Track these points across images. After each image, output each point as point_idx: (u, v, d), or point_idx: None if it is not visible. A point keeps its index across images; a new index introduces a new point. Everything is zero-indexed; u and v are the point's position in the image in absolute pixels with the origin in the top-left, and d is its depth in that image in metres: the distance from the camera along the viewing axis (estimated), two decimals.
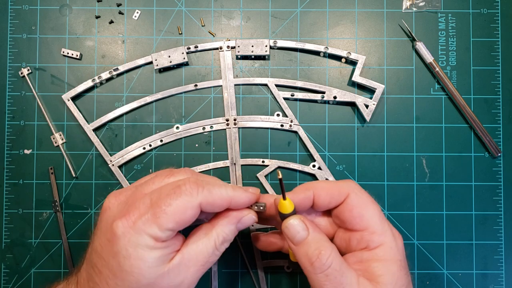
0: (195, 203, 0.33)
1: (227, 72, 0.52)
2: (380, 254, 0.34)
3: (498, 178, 0.52)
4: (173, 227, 0.33)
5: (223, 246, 0.36)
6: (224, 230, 0.35)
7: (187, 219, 0.33)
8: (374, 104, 0.51)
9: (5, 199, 0.51)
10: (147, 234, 0.32)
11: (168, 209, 0.32)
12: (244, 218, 0.36)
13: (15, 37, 0.52)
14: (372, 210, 0.35)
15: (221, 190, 0.35)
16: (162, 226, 0.32)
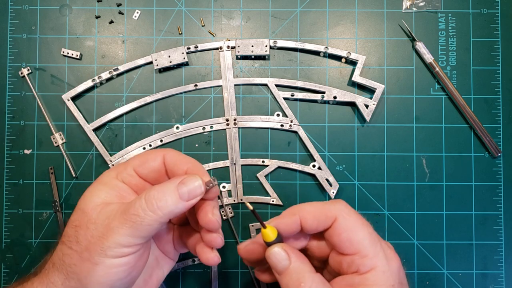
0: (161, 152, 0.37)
1: (227, 72, 0.52)
2: (371, 279, 0.32)
3: (498, 178, 0.52)
4: (135, 164, 0.37)
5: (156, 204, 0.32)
6: (159, 187, 0.33)
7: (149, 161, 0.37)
8: (374, 104, 0.51)
9: (5, 199, 0.51)
10: (114, 170, 0.37)
11: (135, 155, 0.38)
12: (185, 179, 0.34)
13: (15, 37, 0.52)
14: (362, 233, 0.33)
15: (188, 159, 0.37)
16: (128, 162, 0.37)
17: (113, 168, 0.37)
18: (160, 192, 0.33)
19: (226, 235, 0.51)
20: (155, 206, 0.32)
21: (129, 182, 0.36)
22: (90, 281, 0.32)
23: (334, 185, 0.51)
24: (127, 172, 0.37)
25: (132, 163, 0.37)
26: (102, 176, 0.37)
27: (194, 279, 0.51)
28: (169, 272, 0.50)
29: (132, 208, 0.32)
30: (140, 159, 0.37)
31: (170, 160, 0.37)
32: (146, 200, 0.32)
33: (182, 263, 0.50)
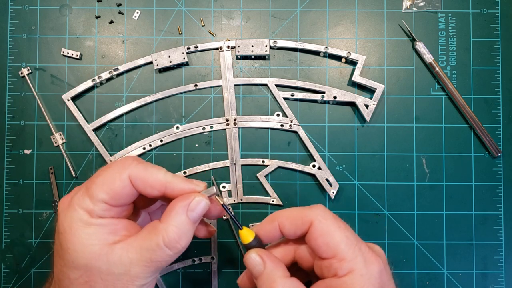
0: (124, 174, 0.33)
1: (227, 72, 0.52)
2: (349, 282, 0.32)
3: (498, 178, 0.52)
4: (104, 198, 0.32)
5: (177, 243, 0.32)
6: (173, 223, 0.32)
7: (117, 190, 0.32)
8: (374, 104, 0.51)
9: (5, 199, 0.51)
10: (81, 208, 0.32)
11: (97, 180, 0.33)
12: (192, 204, 0.33)
13: (15, 37, 0.52)
14: (339, 237, 0.33)
15: (158, 171, 0.34)
16: (92, 196, 0.32)
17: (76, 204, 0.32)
18: (178, 232, 0.32)
19: (226, 235, 0.51)
20: (178, 246, 0.33)
21: (108, 215, 0.33)
22: None
23: (334, 185, 0.51)
24: (100, 208, 0.32)
25: (98, 195, 0.32)
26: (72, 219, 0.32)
27: (194, 279, 0.51)
28: (169, 272, 0.50)
29: (155, 256, 0.32)
30: (105, 189, 0.32)
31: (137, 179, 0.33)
32: (168, 246, 0.32)
33: (182, 263, 0.51)
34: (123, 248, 0.32)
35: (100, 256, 0.31)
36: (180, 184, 0.34)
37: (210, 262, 0.51)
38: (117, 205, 0.33)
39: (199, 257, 0.51)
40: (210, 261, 0.51)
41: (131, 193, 0.33)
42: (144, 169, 0.33)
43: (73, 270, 0.32)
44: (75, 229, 0.32)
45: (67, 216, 0.32)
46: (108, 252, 0.32)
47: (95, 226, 0.32)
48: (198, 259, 0.51)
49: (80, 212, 0.32)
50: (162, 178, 0.33)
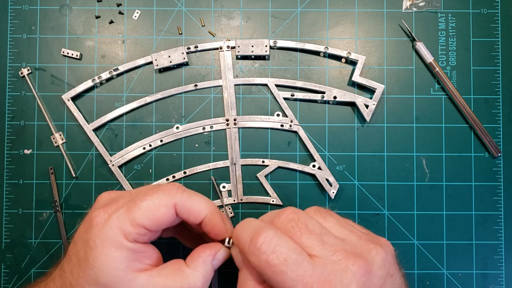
0: (170, 202, 0.33)
1: (227, 72, 0.52)
2: None
3: (498, 178, 0.52)
4: (145, 223, 0.32)
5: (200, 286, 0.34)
6: (200, 270, 0.34)
7: (160, 217, 0.33)
8: (374, 104, 0.51)
9: (5, 199, 0.51)
10: (118, 228, 0.32)
11: (142, 204, 0.32)
12: (218, 254, 0.35)
13: (15, 37, 0.52)
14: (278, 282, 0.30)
15: (201, 199, 0.35)
16: (133, 220, 0.32)
17: (115, 224, 0.32)
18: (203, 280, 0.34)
19: None
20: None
21: (142, 240, 0.33)
22: None
23: (334, 185, 0.51)
24: (138, 232, 0.33)
25: (140, 220, 0.32)
26: (107, 238, 0.32)
27: None
28: None
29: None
30: (149, 215, 0.33)
31: (182, 208, 0.34)
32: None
33: None
34: (146, 280, 0.32)
35: (123, 281, 0.32)
36: (218, 222, 0.35)
37: None
38: (155, 231, 0.34)
39: None
40: None
41: (172, 220, 0.34)
42: (189, 197, 0.34)
43: (92, 286, 0.32)
44: (107, 249, 0.32)
45: (102, 232, 0.32)
46: (132, 279, 0.32)
47: (126, 250, 0.32)
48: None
49: (116, 232, 0.32)
50: (205, 207, 0.35)
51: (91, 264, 0.32)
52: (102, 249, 0.32)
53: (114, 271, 0.31)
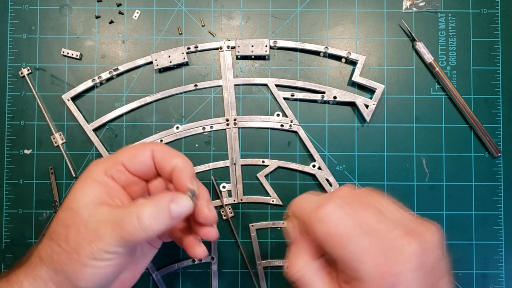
0: (148, 148, 0.37)
1: (227, 72, 0.52)
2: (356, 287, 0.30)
3: (498, 178, 0.52)
4: (123, 160, 0.36)
5: (148, 220, 0.33)
6: (153, 202, 0.34)
7: (137, 156, 0.36)
8: (374, 104, 0.51)
9: (5, 199, 0.51)
10: (102, 167, 0.36)
11: (124, 149, 0.37)
12: (177, 197, 0.35)
13: (15, 37, 0.52)
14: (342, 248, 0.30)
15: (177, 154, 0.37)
16: (115, 157, 0.36)
17: (101, 162, 0.37)
18: (154, 212, 0.33)
19: (226, 235, 0.51)
20: (147, 226, 0.33)
21: (118, 178, 0.36)
22: (79, 279, 0.33)
23: (334, 185, 0.51)
24: (117, 168, 0.36)
25: (121, 158, 0.36)
26: (90, 171, 0.36)
27: (194, 279, 0.51)
28: (169, 272, 0.50)
29: (123, 224, 0.33)
30: (129, 154, 0.36)
31: (159, 155, 0.36)
32: (139, 219, 0.33)
33: (182, 263, 0.50)
34: (106, 209, 0.34)
35: (88, 206, 0.34)
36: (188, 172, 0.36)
37: (210, 262, 0.51)
38: (132, 171, 0.36)
39: None
40: (210, 261, 0.51)
41: (147, 164, 0.37)
42: (166, 147, 0.37)
43: (63, 210, 0.35)
44: (85, 180, 0.35)
45: (88, 169, 0.36)
46: (96, 207, 0.34)
47: (101, 183, 0.35)
48: (198, 259, 0.51)
49: (98, 167, 0.36)
50: (178, 157, 0.36)
51: (70, 192, 0.35)
52: (82, 180, 0.35)
53: (83, 196, 0.34)
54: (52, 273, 0.34)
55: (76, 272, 0.33)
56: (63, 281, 0.34)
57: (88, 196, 0.34)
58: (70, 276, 0.33)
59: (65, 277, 0.34)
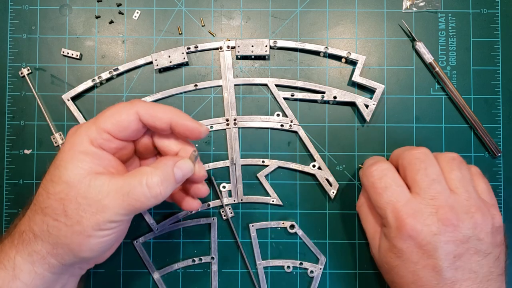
0: (132, 108, 0.35)
1: (227, 72, 0.52)
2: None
3: (498, 178, 0.52)
4: (108, 128, 0.35)
5: (158, 187, 0.34)
6: (159, 169, 0.34)
7: (122, 121, 0.35)
8: (374, 104, 0.51)
9: (5, 199, 0.51)
10: (85, 135, 0.34)
11: (105, 113, 0.35)
12: (180, 162, 0.36)
13: (15, 37, 0.52)
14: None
15: (164, 105, 0.36)
16: (98, 125, 0.35)
17: (83, 130, 0.35)
18: (161, 179, 0.34)
19: (226, 235, 0.51)
20: (158, 193, 0.34)
21: (108, 147, 0.35)
22: (82, 250, 0.33)
23: (334, 185, 0.51)
24: (103, 138, 0.35)
25: (104, 125, 0.35)
26: (74, 143, 0.34)
27: (194, 279, 0.51)
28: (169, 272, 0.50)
29: (132, 192, 0.33)
30: (113, 120, 0.35)
31: (145, 114, 0.35)
32: (149, 187, 0.33)
33: (182, 263, 0.51)
34: (106, 179, 0.33)
35: (84, 179, 0.33)
36: (186, 120, 0.36)
37: (210, 262, 0.51)
38: (120, 138, 0.36)
39: (199, 257, 0.51)
40: (210, 261, 0.51)
41: (136, 128, 0.36)
42: (152, 105, 0.36)
43: (55, 184, 0.34)
44: (73, 152, 0.34)
45: (70, 140, 0.35)
46: (92, 179, 0.33)
47: (91, 155, 0.34)
48: (198, 259, 0.51)
49: (83, 138, 0.34)
50: (169, 112, 0.36)
51: (57, 166, 0.34)
52: (69, 151, 0.34)
53: (76, 169, 0.33)
54: (50, 247, 0.34)
55: (79, 244, 0.33)
56: (64, 253, 0.34)
57: (81, 168, 0.33)
58: (72, 248, 0.33)
59: (67, 250, 0.34)
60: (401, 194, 0.40)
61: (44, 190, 0.34)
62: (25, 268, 0.34)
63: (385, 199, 0.40)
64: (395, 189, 0.40)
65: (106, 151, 0.35)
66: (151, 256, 0.51)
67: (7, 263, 0.34)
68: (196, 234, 0.51)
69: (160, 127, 0.36)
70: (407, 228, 0.38)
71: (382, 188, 0.41)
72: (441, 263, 0.37)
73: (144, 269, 0.51)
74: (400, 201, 0.39)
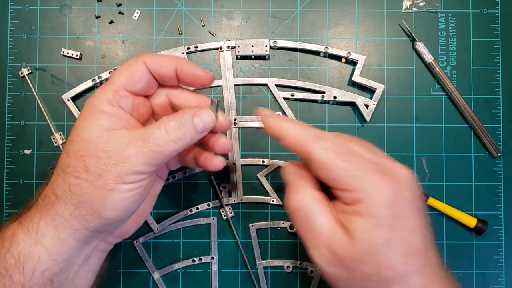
0: (139, 60, 0.35)
1: (227, 72, 0.52)
2: (355, 209, 0.32)
3: (498, 178, 0.52)
4: (122, 82, 0.35)
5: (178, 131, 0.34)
6: (177, 117, 0.35)
7: (133, 73, 0.35)
8: (374, 104, 0.51)
9: (5, 199, 0.51)
10: (102, 95, 0.35)
11: (117, 71, 0.36)
12: (199, 111, 0.36)
13: (15, 37, 0.52)
14: (339, 170, 0.32)
15: (170, 56, 0.37)
16: (113, 83, 0.35)
17: (99, 93, 0.35)
18: (179, 124, 0.34)
19: (226, 235, 0.51)
20: (176, 137, 0.34)
21: (124, 105, 0.35)
22: (105, 207, 0.33)
23: None
24: (120, 94, 0.35)
25: (119, 82, 0.35)
26: (93, 104, 0.35)
27: (194, 279, 0.51)
28: (169, 272, 0.50)
29: (152, 138, 0.33)
30: (126, 75, 0.35)
31: (153, 64, 0.36)
32: (167, 131, 0.34)
33: (182, 263, 0.51)
34: (125, 132, 0.33)
35: (103, 134, 0.33)
36: (191, 66, 0.36)
37: (210, 262, 0.51)
38: (136, 92, 0.36)
39: (199, 257, 0.51)
40: (210, 261, 0.51)
41: (148, 78, 0.36)
42: (157, 55, 0.37)
43: (73, 143, 0.33)
44: (92, 111, 0.34)
45: (88, 103, 0.35)
46: (111, 133, 0.33)
47: (109, 113, 0.34)
48: (198, 259, 0.51)
49: (101, 99, 0.34)
50: (176, 58, 0.36)
51: (76, 127, 0.34)
52: (87, 112, 0.34)
53: (95, 126, 0.33)
54: (72, 208, 0.33)
55: (101, 199, 0.33)
56: (87, 214, 0.33)
57: (99, 125, 0.33)
58: (94, 206, 0.33)
59: (89, 209, 0.33)
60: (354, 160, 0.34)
61: (65, 152, 0.34)
62: (48, 233, 0.33)
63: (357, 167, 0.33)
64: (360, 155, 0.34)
65: (123, 109, 0.35)
66: (151, 256, 0.51)
67: (30, 227, 0.33)
68: (196, 234, 0.51)
69: (166, 74, 0.36)
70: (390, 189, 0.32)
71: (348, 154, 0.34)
72: None
73: (144, 269, 0.51)
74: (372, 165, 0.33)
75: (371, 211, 0.31)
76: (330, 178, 0.33)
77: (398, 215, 0.31)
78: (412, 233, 0.32)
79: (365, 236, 0.31)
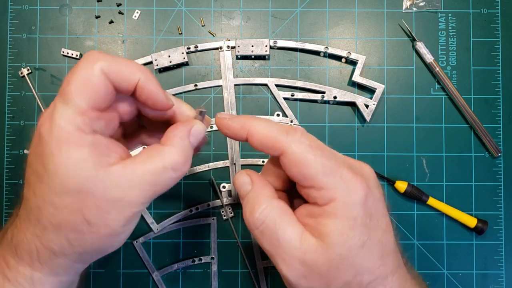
0: (96, 68, 0.29)
1: (227, 72, 0.52)
2: (329, 211, 0.30)
3: (498, 178, 0.52)
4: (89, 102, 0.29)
5: (183, 166, 0.31)
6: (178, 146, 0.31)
7: (95, 87, 0.29)
8: (374, 104, 0.51)
9: (5, 199, 0.51)
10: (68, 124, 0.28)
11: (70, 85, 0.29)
12: (193, 129, 0.32)
13: (15, 37, 0.52)
14: (315, 166, 0.30)
15: (131, 61, 0.31)
16: (74, 103, 0.28)
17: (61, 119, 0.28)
18: (184, 155, 0.31)
19: (226, 235, 0.51)
20: (183, 170, 0.31)
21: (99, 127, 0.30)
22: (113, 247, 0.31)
23: None
24: (89, 117, 0.29)
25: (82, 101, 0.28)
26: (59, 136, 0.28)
27: (194, 279, 0.51)
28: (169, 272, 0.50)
29: (158, 179, 0.30)
30: (86, 91, 0.29)
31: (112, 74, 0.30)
32: (174, 170, 0.30)
33: (182, 263, 0.51)
34: (121, 171, 0.29)
35: (96, 179, 0.28)
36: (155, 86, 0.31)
37: (210, 262, 0.51)
38: (101, 109, 0.30)
39: (199, 257, 0.51)
40: (210, 261, 0.51)
41: (111, 90, 0.30)
42: (114, 59, 0.30)
43: (62, 196, 0.28)
44: (66, 150, 0.28)
45: (52, 137, 0.28)
46: (105, 175, 0.28)
47: (88, 146, 0.28)
48: (198, 259, 0.51)
49: (67, 128, 0.28)
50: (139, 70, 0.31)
51: (53, 173, 0.28)
52: (60, 152, 0.28)
53: (82, 171, 0.28)
54: (75, 257, 0.30)
55: (110, 244, 0.31)
56: (92, 256, 0.32)
57: (86, 168, 0.28)
58: (102, 250, 0.31)
59: (95, 253, 0.31)
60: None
61: (49, 205, 0.29)
62: (47, 282, 0.31)
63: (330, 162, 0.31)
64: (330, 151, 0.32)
65: (98, 136, 0.30)
66: (151, 256, 0.51)
67: (23, 281, 0.31)
68: (196, 234, 0.51)
69: (126, 88, 0.30)
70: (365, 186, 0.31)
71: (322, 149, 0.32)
72: None
73: (144, 269, 0.51)
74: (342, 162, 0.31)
75: (346, 210, 0.29)
76: (305, 175, 0.30)
77: (372, 214, 0.30)
78: (385, 232, 0.31)
79: (340, 239, 0.29)
